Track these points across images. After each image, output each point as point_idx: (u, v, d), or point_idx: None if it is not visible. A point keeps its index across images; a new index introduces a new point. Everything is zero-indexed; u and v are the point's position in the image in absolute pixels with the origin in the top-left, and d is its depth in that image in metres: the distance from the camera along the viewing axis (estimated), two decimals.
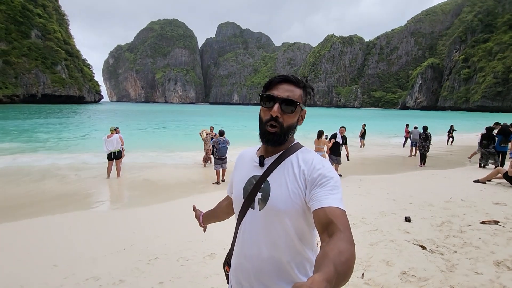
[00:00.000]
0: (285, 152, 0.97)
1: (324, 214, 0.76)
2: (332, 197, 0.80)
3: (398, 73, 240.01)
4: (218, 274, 2.89)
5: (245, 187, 0.99)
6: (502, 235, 3.55)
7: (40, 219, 4.78)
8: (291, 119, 0.94)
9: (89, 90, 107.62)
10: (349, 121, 38.41)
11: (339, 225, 0.73)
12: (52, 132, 18.91)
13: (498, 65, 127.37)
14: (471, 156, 10.88)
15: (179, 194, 6.45)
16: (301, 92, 0.96)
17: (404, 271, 2.77)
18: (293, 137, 1.00)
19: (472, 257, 3.00)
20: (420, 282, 2.58)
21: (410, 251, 3.22)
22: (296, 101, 0.92)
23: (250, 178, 0.99)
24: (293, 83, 0.95)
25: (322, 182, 0.84)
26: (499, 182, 6.62)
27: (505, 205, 4.83)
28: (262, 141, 0.98)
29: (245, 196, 0.98)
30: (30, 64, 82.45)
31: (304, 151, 0.98)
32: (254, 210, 0.95)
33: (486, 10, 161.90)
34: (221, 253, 3.37)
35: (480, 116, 65.59)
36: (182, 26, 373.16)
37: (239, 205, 1.01)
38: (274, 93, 0.93)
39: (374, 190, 6.22)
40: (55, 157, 10.58)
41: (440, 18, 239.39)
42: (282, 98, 0.91)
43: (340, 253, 0.63)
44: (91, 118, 35.65)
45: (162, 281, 2.78)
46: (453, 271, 2.74)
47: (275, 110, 0.91)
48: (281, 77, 0.96)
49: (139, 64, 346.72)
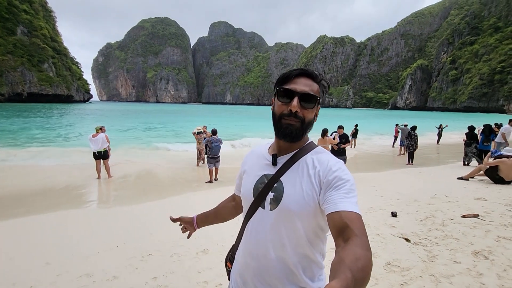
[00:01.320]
0: (300, 152, 0.93)
1: (340, 218, 0.74)
2: (347, 200, 0.77)
3: (389, 74, 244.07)
4: (211, 269, 2.97)
5: (256, 185, 0.96)
6: (481, 227, 3.75)
7: (31, 218, 4.74)
8: (310, 114, 0.90)
9: (78, 89, 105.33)
10: (341, 121, 38.89)
11: (355, 230, 0.70)
12: (32, 130, 18.53)
13: (484, 67, 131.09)
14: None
15: (172, 192, 6.47)
16: (318, 87, 0.93)
17: (388, 261, 2.92)
18: (307, 135, 0.97)
19: (452, 248, 3.17)
20: (403, 271, 2.72)
21: (395, 243, 3.38)
22: (316, 96, 0.89)
23: (261, 176, 0.96)
24: (311, 77, 0.92)
25: (338, 185, 0.81)
26: (481, 179, 6.92)
27: (485, 200, 5.07)
28: (278, 136, 0.93)
29: (255, 195, 0.95)
30: (16, 61, 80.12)
31: (319, 151, 0.94)
32: (264, 210, 0.92)
33: (473, 13, 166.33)
34: (214, 249, 3.45)
35: (467, 117, 67.39)
36: (174, 25, 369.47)
37: (248, 204, 0.98)
38: (292, 87, 0.88)
39: (364, 188, 6.40)
40: (42, 156, 10.40)
41: (429, 21, 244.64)
42: (302, 92, 0.87)
43: (357, 259, 0.62)
44: (77, 117, 34.98)
45: (155, 276, 2.84)
46: (433, 261, 2.90)
47: (294, 104, 0.86)
48: (299, 70, 0.92)
49: (130, 62, 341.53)
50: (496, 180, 6.42)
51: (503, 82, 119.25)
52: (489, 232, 3.58)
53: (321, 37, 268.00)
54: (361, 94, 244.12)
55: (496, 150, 6.80)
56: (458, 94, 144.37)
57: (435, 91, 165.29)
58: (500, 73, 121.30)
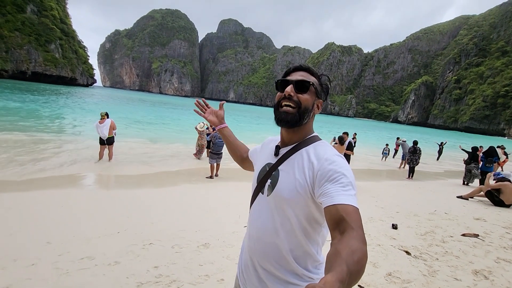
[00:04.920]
0: (300, 144, 0.97)
1: (336, 211, 0.74)
2: (344, 193, 0.77)
3: (393, 87, 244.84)
4: (212, 263, 2.97)
5: (260, 173, 1.04)
6: (481, 247, 3.77)
7: (31, 194, 4.72)
8: (306, 100, 0.94)
9: (82, 73, 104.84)
10: (343, 129, 38.97)
11: (351, 223, 0.71)
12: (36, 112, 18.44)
13: (487, 89, 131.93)
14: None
15: (171, 183, 6.47)
16: (316, 81, 0.98)
17: (389, 272, 2.93)
18: (311, 128, 1.02)
19: (452, 265, 3.19)
20: (403, 283, 2.74)
21: (395, 255, 3.39)
22: (309, 81, 0.94)
23: (265, 165, 1.04)
24: (307, 71, 0.99)
25: (334, 178, 0.81)
26: (481, 199, 6.95)
27: (485, 221, 5.10)
28: (277, 123, 0.98)
29: (258, 181, 1.03)
30: (23, 39, 79.64)
31: (320, 144, 0.96)
32: (263, 195, 1.00)
33: (482, 35, 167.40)
34: (214, 243, 3.45)
35: (467, 137, 67.71)
36: (184, 18, 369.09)
37: (253, 189, 1.06)
38: (288, 78, 0.97)
39: (364, 198, 6.42)
40: (40, 136, 10.36)
41: (437, 38, 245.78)
42: (295, 80, 0.94)
43: (352, 252, 0.62)
44: (81, 101, 34.86)
45: (157, 265, 2.83)
46: (434, 276, 2.91)
47: (288, 89, 0.93)
48: (296, 66, 1.01)
49: (136, 51, 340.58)
50: (495, 202, 6.46)
51: (506, 106, 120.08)
52: (489, 252, 3.60)
53: (329, 44, 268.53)
54: (363, 104, 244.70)
55: (499, 172, 6.84)
56: (460, 113, 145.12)
57: (437, 108, 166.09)
58: (503, 96, 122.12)
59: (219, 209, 4.88)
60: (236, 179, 7.66)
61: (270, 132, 19.02)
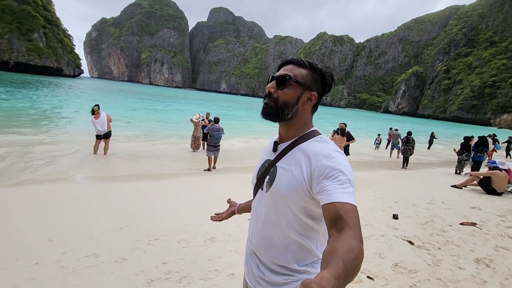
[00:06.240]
0: (298, 140, 0.97)
1: (334, 209, 0.75)
2: (342, 191, 0.77)
3: (384, 78, 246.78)
4: (221, 257, 2.96)
5: (259, 169, 1.06)
6: (479, 236, 3.89)
7: (26, 189, 4.58)
8: (285, 95, 0.94)
9: (68, 63, 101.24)
10: (336, 120, 39.22)
11: (349, 221, 0.71)
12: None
13: (475, 80, 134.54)
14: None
15: (169, 176, 6.39)
16: (306, 72, 0.95)
17: (395, 263, 2.98)
18: (308, 122, 1.00)
19: (455, 254, 3.27)
20: (410, 273, 2.79)
21: (399, 245, 3.45)
22: (286, 75, 0.94)
23: (264, 161, 1.05)
24: (295, 64, 0.97)
25: (332, 175, 0.81)
26: (474, 188, 7.15)
27: (480, 209, 5.25)
28: (261, 115, 1.00)
29: (257, 178, 1.05)
30: (3, 28, 75.84)
31: (318, 139, 0.96)
32: (262, 191, 1.01)
33: (471, 25, 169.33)
34: (221, 237, 3.43)
35: (454, 126, 69.32)
36: (173, 6, 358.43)
37: (253, 185, 1.09)
38: (273, 74, 0.99)
39: (362, 189, 6.50)
40: (34, 131, 10.03)
41: (428, 28, 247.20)
42: (277, 76, 0.96)
43: (349, 250, 0.63)
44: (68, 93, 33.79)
45: (165, 261, 2.80)
46: (438, 266, 2.98)
47: (268, 86, 0.97)
48: (286, 60, 1.01)
49: (124, 41, 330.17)
50: (488, 190, 6.65)
51: (492, 96, 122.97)
52: (487, 241, 3.72)
53: (321, 33, 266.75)
54: (355, 95, 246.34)
55: (494, 160, 7.02)
56: (448, 103, 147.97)
57: (427, 98, 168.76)
58: (490, 86, 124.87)
59: (221, 202, 4.80)
60: (233, 171, 7.63)
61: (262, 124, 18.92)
